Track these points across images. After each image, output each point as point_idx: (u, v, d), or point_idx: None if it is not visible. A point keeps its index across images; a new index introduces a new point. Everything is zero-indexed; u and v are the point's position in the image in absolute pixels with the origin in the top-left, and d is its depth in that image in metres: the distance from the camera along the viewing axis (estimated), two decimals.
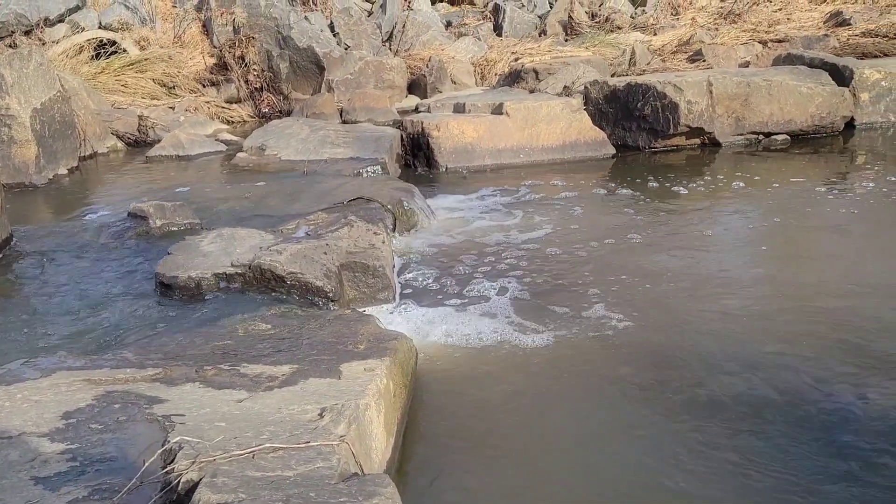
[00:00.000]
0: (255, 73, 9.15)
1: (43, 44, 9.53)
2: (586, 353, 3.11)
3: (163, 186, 5.76)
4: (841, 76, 7.17)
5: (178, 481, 1.77)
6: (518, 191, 5.65)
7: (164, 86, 9.20)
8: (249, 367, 2.54)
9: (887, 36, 8.84)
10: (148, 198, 4.94)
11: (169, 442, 1.91)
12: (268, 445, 1.89)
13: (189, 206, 4.57)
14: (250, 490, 1.66)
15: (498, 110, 6.83)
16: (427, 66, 9.80)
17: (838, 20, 10.18)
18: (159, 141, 7.26)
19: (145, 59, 9.34)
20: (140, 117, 7.96)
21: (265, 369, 2.51)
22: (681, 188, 5.55)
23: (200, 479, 1.73)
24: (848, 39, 8.97)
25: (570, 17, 11.86)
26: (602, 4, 12.64)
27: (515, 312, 3.50)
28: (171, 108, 8.69)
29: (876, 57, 8.09)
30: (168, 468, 1.82)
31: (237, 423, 2.08)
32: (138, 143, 7.80)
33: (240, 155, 6.26)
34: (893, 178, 5.51)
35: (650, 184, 5.67)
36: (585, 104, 7.04)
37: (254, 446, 1.89)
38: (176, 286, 3.36)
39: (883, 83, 7.23)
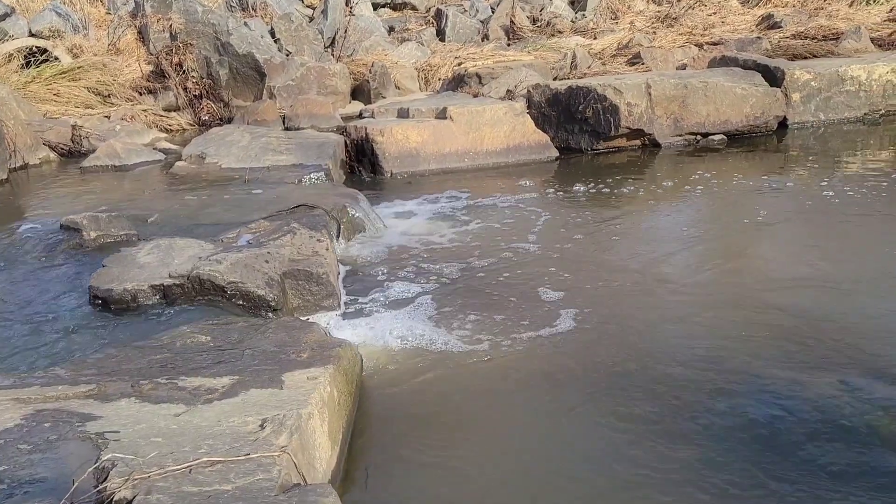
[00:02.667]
0: (194, 80, 8.96)
1: None
2: (534, 356, 3.12)
3: (98, 197, 5.59)
4: (773, 77, 7.39)
5: (111, 500, 1.70)
6: (463, 195, 5.66)
7: (99, 94, 8.94)
8: (188, 380, 2.47)
9: (816, 38, 9.16)
10: (82, 209, 4.78)
11: (101, 460, 1.84)
12: (205, 459, 1.83)
13: (125, 217, 4.43)
14: None
15: (442, 115, 6.83)
16: (370, 72, 9.76)
17: (770, 23, 10.51)
18: (94, 151, 7.04)
19: (78, 68, 9.06)
20: (74, 127, 7.71)
21: (204, 382, 2.44)
22: (623, 189, 5.64)
23: (134, 497, 1.67)
24: (779, 41, 9.26)
25: (511, 21, 11.96)
26: (543, 9, 12.79)
27: (462, 317, 3.49)
28: (106, 117, 8.44)
29: (805, 58, 8.37)
30: (100, 487, 1.75)
31: (174, 438, 2.02)
32: (72, 154, 7.56)
33: (179, 164, 6.12)
34: (825, 176, 5.69)
35: (593, 185, 5.74)
36: (528, 108, 7.10)
37: (191, 461, 1.83)
38: (111, 299, 3.25)
39: (813, 84, 7.47)
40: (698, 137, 7.08)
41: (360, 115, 8.68)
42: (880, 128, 7.44)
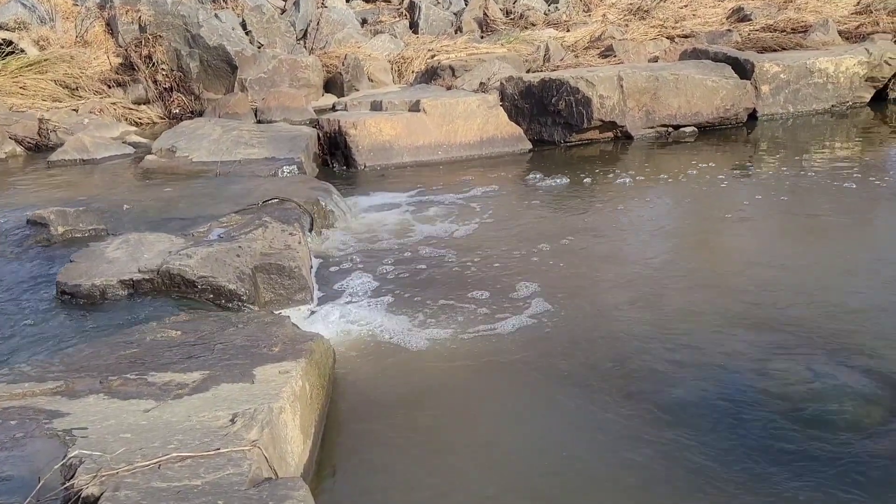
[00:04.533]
0: (164, 72, 8.86)
1: None
2: (508, 348, 3.13)
3: (66, 192, 5.51)
4: (743, 69, 7.47)
5: (79, 497, 1.68)
6: (436, 188, 5.66)
7: (67, 87, 8.80)
8: (158, 375, 2.44)
9: (784, 30, 9.26)
10: (50, 204, 4.71)
11: (68, 457, 1.82)
12: (175, 455, 1.82)
13: (94, 212, 4.38)
14: (154, 502, 1.60)
15: (415, 107, 6.82)
16: (343, 64, 9.71)
17: (740, 16, 10.62)
18: (62, 145, 6.93)
19: (45, 60, 8.91)
20: (41, 120, 7.59)
21: (174, 377, 2.42)
22: (596, 181, 5.67)
23: (102, 494, 1.65)
24: (749, 34, 9.35)
25: (485, 14, 11.96)
26: (516, 2, 12.81)
27: (435, 310, 3.49)
28: (74, 110, 8.32)
29: (775, 51, 8.47)
30: (67, 484, 1.73)
31: (143, 434, 2.00)
32: (39, 148, 7.44)
33: (148, 157, 6.05)
34: (794, 167, 5.78)
35: (566, 177, 5.76)
36: (502, 100, 7.11)
37: (160, 456, 1.82)
38: (79, 295, 3.21)
39: (781, 76, 7.57)
40: (670, 129, 7.14)
41: (334, 108, 8.64)
42: (847, 119, 7.56)
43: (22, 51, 9.22)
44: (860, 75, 7.82)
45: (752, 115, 7.47)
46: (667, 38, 9.97)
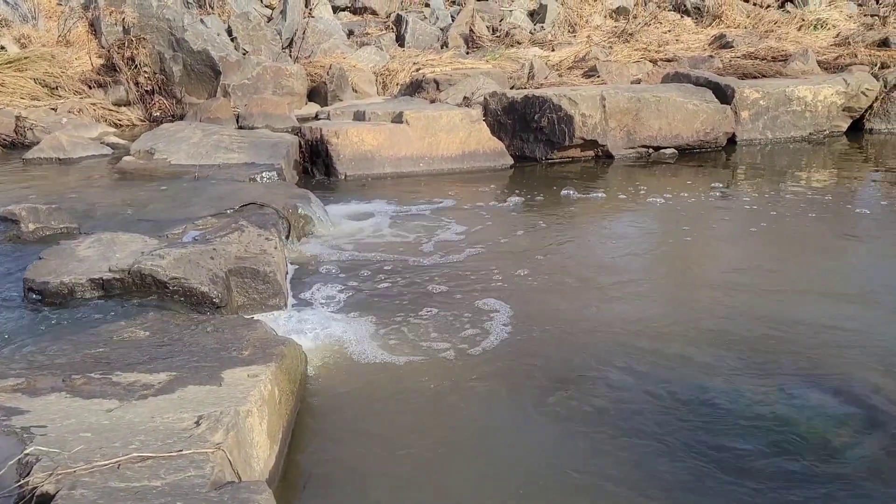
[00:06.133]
0: (147, 75, 8.79)
1: None
2: (477, 360, 3.10)
3: (40, 190, 5.42)
4: (724, 94, 7.56)
5: (33, 495, 1.63)
6: (417, 199, 5.64)
7: (47, 86, 8.69)
8: (123, 375, 2.39)
9: (765, 58, 9.40)
10: (22, 201, 4.62)
11: (24, 454, 1.76)
12: (135, 455, 1.77)
13: (66, 210, 4.31)
14: (111, 501, 1.55)
15: (398, 119, 6.82)
16: (328, 74, 9.70)
17: (722, 42, 10.77)
18: (38, 143, 6.84)
19: (25, 58, 8.81)
20: (18, 118, 7.49)
21: (140, 377, 2.37)
22: (576, 198, 5.69)
23: (57, 492, 1.60)
24: (730, 61, 9.48)
25: (471, 30, 12.02)
26: (503, 20, 12.89)
27: (409, 320, 3.47)
28: (53, 109, 8.21)
29: (755, 77, 8.58)
30: (22, 481, 1.68)
31: (104, 434, 1.95)
32: (15, 146, 7.34)
33: (126, 159, 5.98)
34: (770, 191, 5.84)
35: (546, 194, 5.78)
36: (485, 115, 7.13)
37: (120, 456, 1.77)
38: (47, 292, 3.14)
39: (761, 102, 7.67)
40: (650, 150, 7.20)
41: (316, 117, 8.61)
42: (824, 147, 7.67)
43: (2, 48, 9.11)
44: (838, 105, 7.94)
45: (732, 140, 7.55)
46: (650, 61, 10.08)
